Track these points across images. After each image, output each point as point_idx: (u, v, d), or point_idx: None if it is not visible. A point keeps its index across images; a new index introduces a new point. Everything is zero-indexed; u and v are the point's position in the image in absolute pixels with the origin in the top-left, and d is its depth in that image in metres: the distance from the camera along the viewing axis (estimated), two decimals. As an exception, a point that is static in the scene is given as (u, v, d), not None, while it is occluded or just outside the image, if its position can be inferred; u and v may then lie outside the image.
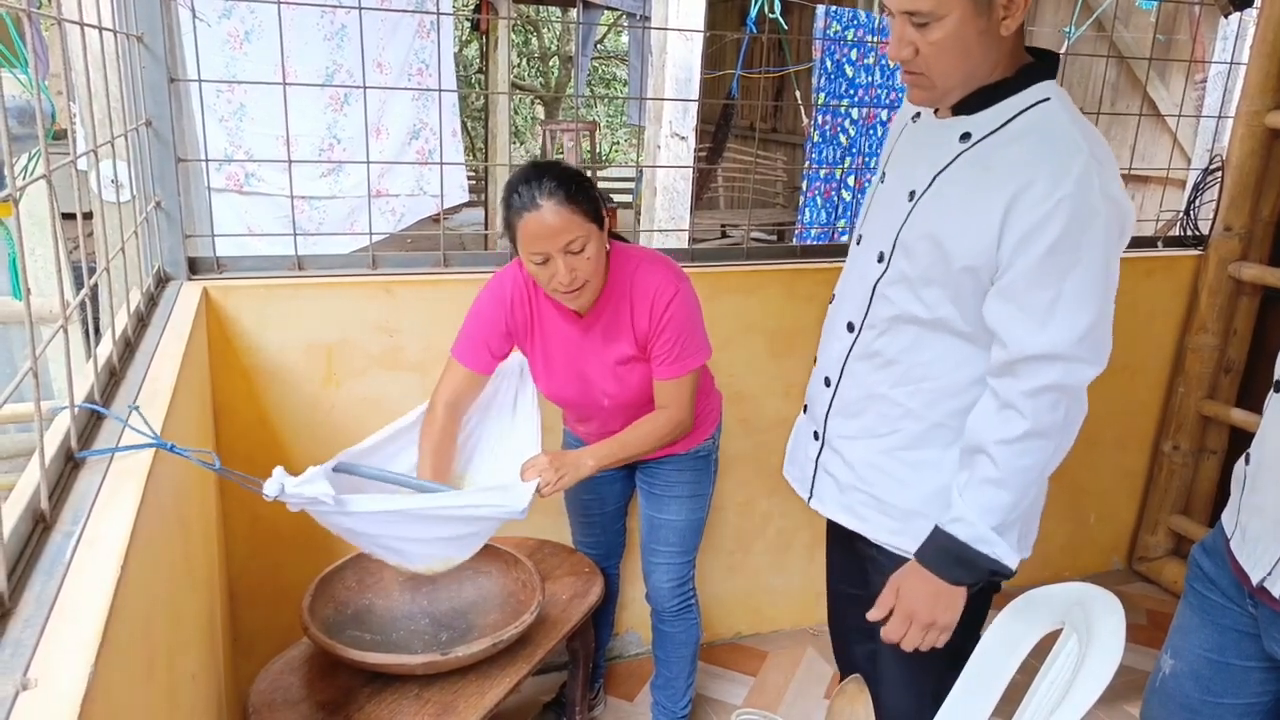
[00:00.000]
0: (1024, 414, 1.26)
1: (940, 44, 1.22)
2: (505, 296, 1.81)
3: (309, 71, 4.01)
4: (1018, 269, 1.24)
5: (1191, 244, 2.96)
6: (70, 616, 0.77)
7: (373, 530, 1.64)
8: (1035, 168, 1.22)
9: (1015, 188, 1.23)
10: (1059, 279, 1.22)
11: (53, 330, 1.04)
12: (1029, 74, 1.29)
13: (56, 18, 1.39)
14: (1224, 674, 1.45)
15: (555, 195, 1.59)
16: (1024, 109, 1.28)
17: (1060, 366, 1.24)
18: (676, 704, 2.20)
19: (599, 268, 1.68)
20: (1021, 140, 1.26)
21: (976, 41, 1.22)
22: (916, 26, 1.23)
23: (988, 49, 1.24)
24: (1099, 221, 1.20)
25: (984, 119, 1.31)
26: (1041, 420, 1.26)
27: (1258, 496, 1.36)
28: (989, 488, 1.29)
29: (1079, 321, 1.23)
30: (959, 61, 1.24)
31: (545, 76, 14.95)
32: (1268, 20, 2.65)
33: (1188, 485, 3.06)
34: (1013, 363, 1.27)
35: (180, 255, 1.99)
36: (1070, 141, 1.22)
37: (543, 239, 1.60)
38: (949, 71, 1.26)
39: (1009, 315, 1.27)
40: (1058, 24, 5.88)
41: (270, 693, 1.63)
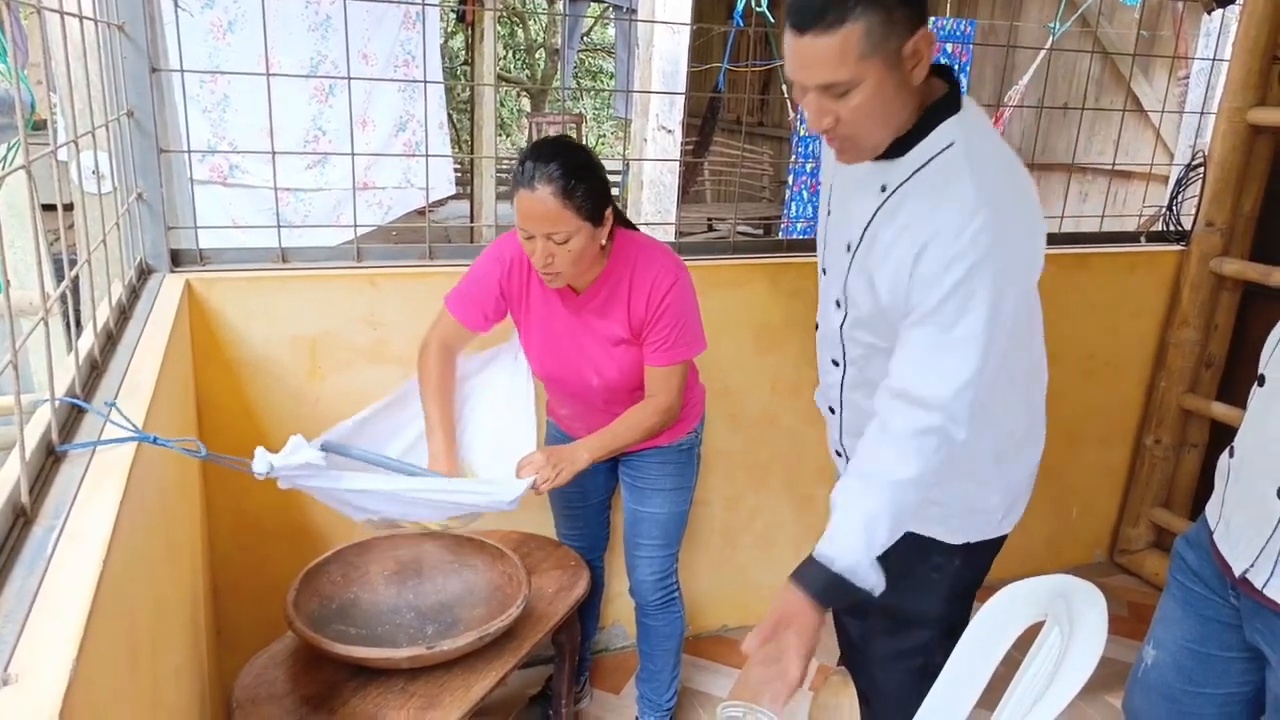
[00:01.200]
0: (913, 456, 1.27)
1: (862, 108, 1.21)
2: (505, 260, 1.83)
3: (293, 62, 3.97)
4: (913, 317, 1.28)
5: (1174, 239, 2.98)
6: (52, 611, 0.77)
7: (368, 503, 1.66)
8: (935, 224, 1.24)
9: (920, 244, 1.26)
10: (945, 330, 1.25)
11: (33, 323, 1.03)
12: (932, 116, 1.28)
13: (36, 6, 1.37)
14: (1206, 664, 1.47)
15: (552, 184, 1.60)
16: (931, 157, 1.28)
17: (938, 415, 1.26)
18: (662, 696, 2.21)
19: (580, 261, 1.68)
20: (926, 194, 1.28)
21: (895, 96, 1.23)
22: (835, 97, 1.22)
23: (905, 101, 1.25)
24: (986, 275, 1.21)
25: (898, 170, 1.31)
26: (928, 464, 1.28)
27: (1241, 489, 1.37)
28: (877, 523, 1.28)
29: (958, 375, 1.25)
30: (881, 120, 1.25)
31: (531, 69, 14.89)
32: (1250, 17, 2.67)
33: (1169, 479, 3.09)
34: (899, 395, 1.29)
35: (162, 247, 1.97)
36: (965, 198, 1.23)
37: (529, 219, 1.63)
38: (873, 131, 1.26)
39: (901, 355, 1.31)
40: (1042, 19, 5.91)
41: (254, 687, 1.62)
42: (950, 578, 1.54)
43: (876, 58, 1.17)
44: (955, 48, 4.94)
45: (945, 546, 1.52)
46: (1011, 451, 1.50)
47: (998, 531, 1.54)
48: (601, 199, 1.67)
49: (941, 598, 1.55)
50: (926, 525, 1.52)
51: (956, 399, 1.25)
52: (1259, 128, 2.74)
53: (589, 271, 1.76)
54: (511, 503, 1.67)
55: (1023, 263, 1.26)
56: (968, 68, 5.04)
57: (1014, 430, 1.48)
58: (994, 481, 1.49)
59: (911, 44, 1.18)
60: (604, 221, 1.69)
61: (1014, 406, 1.46)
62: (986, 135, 1.31)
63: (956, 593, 1.54)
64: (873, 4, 1.14)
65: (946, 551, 1.53)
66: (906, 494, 1.28)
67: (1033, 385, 1.50)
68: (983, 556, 1.55)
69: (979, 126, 1.31)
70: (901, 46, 1.18)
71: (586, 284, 1.79)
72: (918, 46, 1.19)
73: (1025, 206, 1.28)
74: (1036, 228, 1.30)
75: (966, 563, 1.53)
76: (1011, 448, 1.50)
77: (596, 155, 1.72)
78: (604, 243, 1.73)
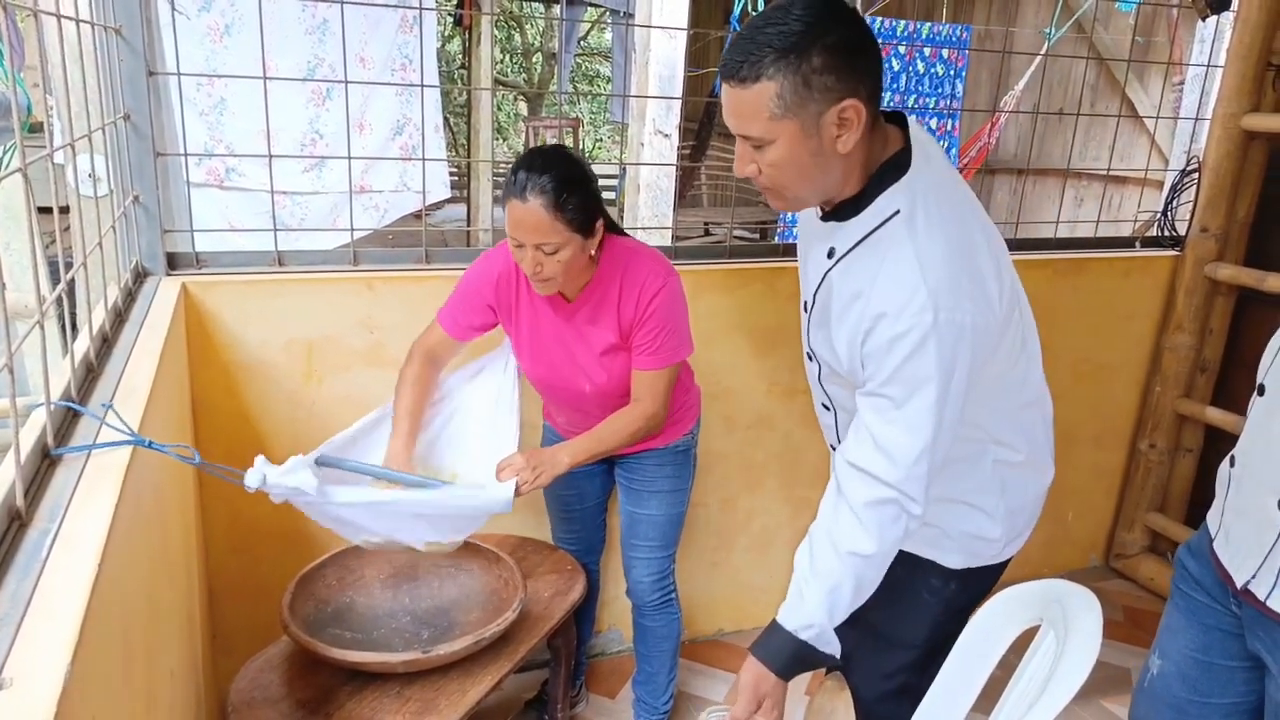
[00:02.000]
0: (872, 528, 1.28)
1: (776, 164, 1.22)
2: (493, 272, 1.83)
3: (290, 66, 3.97)
4: (867, 387, 1.29)
5: (1169, 245, 2.99)
6: (46, 615, 0.77)
7: (354, 518, 1.65)
8: (879, 301, 1.24)
9: (868, 319, 1.25)
10: (896, 406, 1.25)
11: (29, 326, 1.03)
12: (880, 181, 1.26)
13: (33, 9, 1.37)
14: (1210, 674, 1.46)
15: (543, 196, 1.61)
16: (876, 226, 1.27)
17: (891, 490, 1.26)
18: (658, 699, 2.21)
19: (569, 270, 1.69)
20: (870, 266, 1.27)
21: (811, 162, 1.21)
22: (754, 148, 1.22)
23: (826, 167, 1.23)
24: (930, 352, 1.20)
25: (845, 233, 1.31)
26: (886, 536, 1.28)
27: (1242, 499, 1.37)
28: (839, 592, 1.30)
29: (909, 451, 1.25)
30: (797, 179, 1.24)
31: (528, 73, 14.91)
32: (1244, 23, 2.69)
33: (1164, 483, 3.10)
34: (852, 466, 1.30)
35: (159, 250, 1.97)
36: (907, 274, 1.21)
37: (520, 229, 1.64)
38: (794, 187, 1.26)
39: (854, 426, 1.32)
40: (1038, 25, 5.93)
41: (250, 691, 1.62)
42: (944, 601, 1.51)
43: (789, 119, 1.16)
44: (951, 53, 4.96)
45: (943, 570, 1.50)
46: (1015, 481, 1.48)
47: (998, 558, 1.52)
48: (592, 210, 1.68)
49: (932, 621, 1.53)
50: (922, 547, 1.51)
51: (908, 475, 1.25)
52: (1253, 133, 2.75)
53: (579, 279, 1.77)
54: (506, 504, 1.67)
55: (971, 329, 1.22)
56: (964, 73, 5.06)
57: (1012, 460, 1.46)
58: (996, 511, 1.47)
59: (834, 112, 1.16)
60: (594, 233, 1.70)
61: (1012, 438, 1.45)
62: (935, 196, 1.27)
63: (949, 616, 1.51)
64: (788, 68, 1.13)
65: (943, 575, 1.50)
66: (868, 569, 1.29)
67: (1031, 415, 1.48)
68: (980, 582, 1.53)
69: (927, 188, 1.27)
70: (822, 113, 1.16)
71: (577, 291, 1.79)
72: (844, 116, 1.16)
73: (974, 269, 1.25)
74: (986, 290, 1.25)
75: (963, 588, 1.51)
76: (1014, 476, 1.48)
77: (589, 167, 1.73)
78: (593, 253, 1.73)
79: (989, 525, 1.47)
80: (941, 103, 4.96)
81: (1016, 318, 1.35)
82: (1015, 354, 1.38)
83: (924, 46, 4.88)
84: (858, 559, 1.28)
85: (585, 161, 1.75)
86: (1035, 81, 5.23)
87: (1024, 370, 1.42)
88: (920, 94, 4.93)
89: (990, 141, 5.22)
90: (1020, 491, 1.50)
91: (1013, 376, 1.39)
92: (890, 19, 4.91)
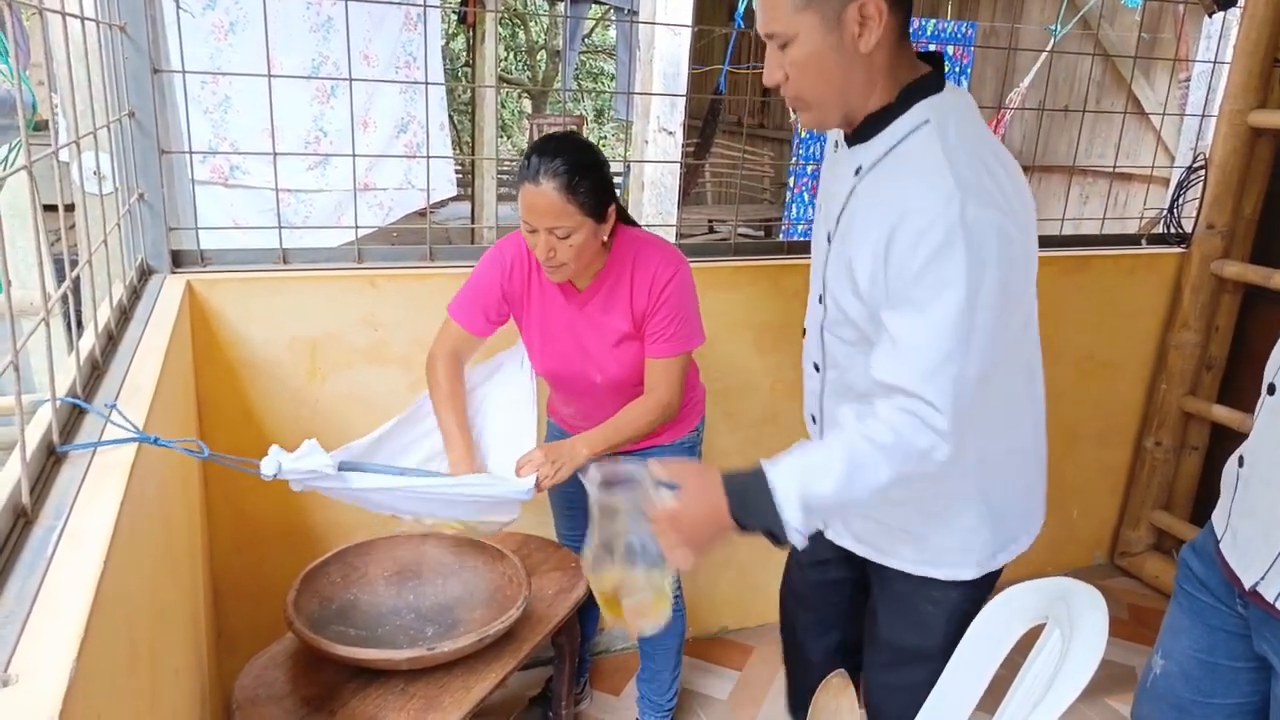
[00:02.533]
0: (892, 428, 1.20)
1: (801, 64, 1.22)
2: (505, 261, 1.83)
3: (295, 63, 3.97)
4: (890, 302, 1.23)
5: (1175, 242, 2.98)
6: (52, 612, 0.77)
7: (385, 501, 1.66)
8: (905, 202, 1.19)
9: (890, 224, 1.20)
10: (920, 311, 1.18)
11: (34, 323, 1.03)
12: (909, 95, 1.25)
13: (38, 7, 1.38)
14: (1214, 674, 1.46)
15: (556, 179, 1.61)
16: (905, 135, 1.25)
17: (910, 401, 1.19)
18: (662, 697, 2.21)
19: (582, 255, 1.69)
20: (898, 173, 1.24)
21: (834, 60, 1.21)
22: (780, 49, 1.23)
23: (849, 67, 1.22)
24: (959, 252, 1.15)
25: (871, 150, 1.29)
26: (904, 440, 1.19)
27: (1250, 500, 1.36)
28: (829, 471, 1.22)
29: (933, 354, 1.18)
30: (821, 80, 1.24)
31: (532, 70, 14.90)
32: (1251, 20, 2.67)
33: (1169, 481, 3.09)
34: (879, 384, 1.24)
35: (163, 248, 1.97)
36: (937, 175, 1.18)
37: (533, 213, 1.64)
38: (816, 90, 1.25)
39: (880, 342, 1.25)
40: (1044, 22, 5.91)
41: (254, 688, 1.62)
42: (947, 611, 1.49)
43: (810, 11, 1.18)
44: (957, 50, 4.95)
45: (942, 583, 1.47)
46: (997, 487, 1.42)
47: (995, 565, 1.48)
48: (605, 196, 1.68)
49: (940, 633, 1.50)
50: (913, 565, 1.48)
51: (929, 380, 1.17)
52: (1260, 130, 2.74)
53: (591, 267, 1.77)
54: (528, 491, 1.68)
55: (1001, 245, 1.17)
56: (969, 70, 5.05)
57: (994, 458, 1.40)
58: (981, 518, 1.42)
59: (855, 8, 1.17)
60: (607, 218, 1.70)
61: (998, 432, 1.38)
62: (967, 117, 1.26)
63: (954, 626, 1.48)
64: None
65: (943, 587, 1.48)
66: (875, 462, 1.19)
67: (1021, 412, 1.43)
68: (980, 590, 1.50)
69: (959, 108, 1.26)
70: (844, 7, 1.17)
71: (588, 280, 1.79)
72: (865, 12, 1.17)
73: (1003, 189, 1.21)
74: (1014, 211, 1.20)
75: (965, 597, 1.48)
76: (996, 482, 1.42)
77: (601, 153, 1.72)
78: (606, 239, 1.73)
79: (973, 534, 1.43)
80: (946, 100, 4.96)
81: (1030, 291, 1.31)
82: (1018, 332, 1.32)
83: (929, 43, 4.87)
84: (867, 441, 1.20)
85: (598, 147, 1.75)
86: (1041, 78, 5.22)
87: (1024, 346, 1.36)
88: (925, 91, 4.92)
89: (995, 138, 5.21)
90: (1004, 495, 1.44)
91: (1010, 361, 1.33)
92: (895, 16, 4.90)
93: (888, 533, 1.48)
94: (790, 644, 1.83)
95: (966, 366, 1.17)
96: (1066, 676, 1.21)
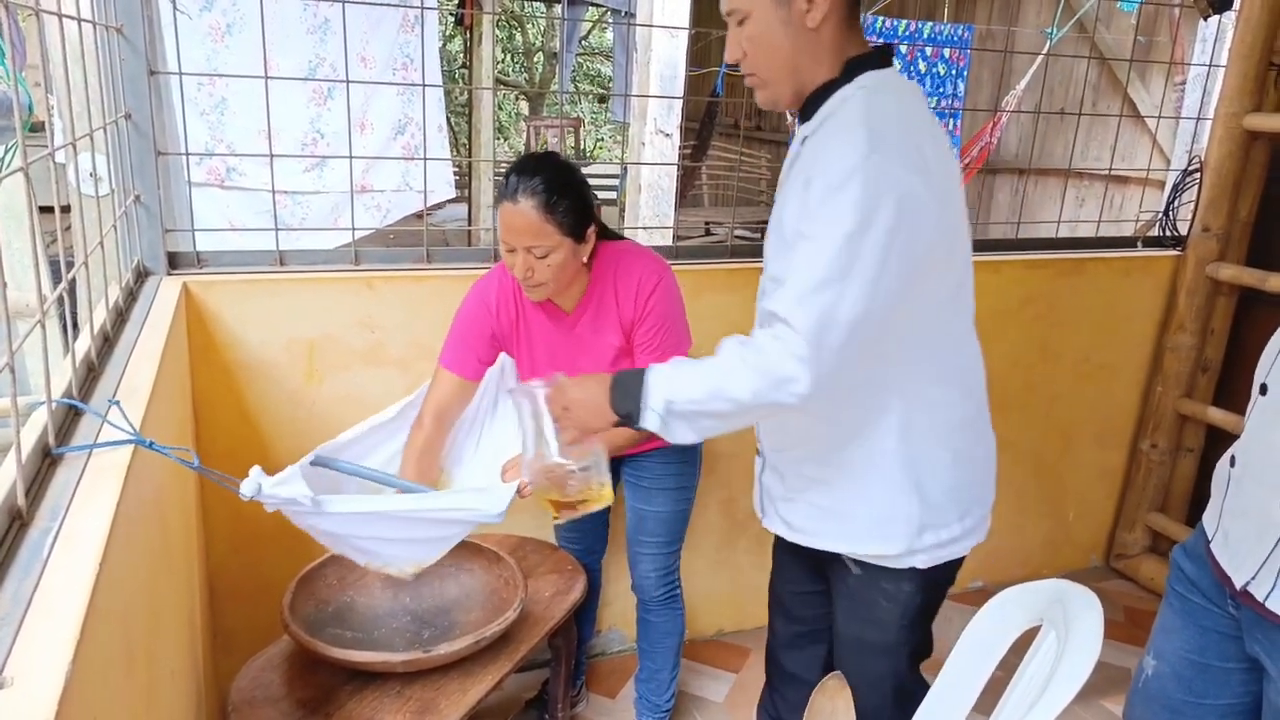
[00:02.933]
0: (760, 349, 1.23)
1: (755, 39, 1.32)
2: (489, 301, 1.83)
3: (292, 65, 3.96)
4: (791, 237, 1.30)
5: (1170, 244, 2.99)
6: (47, 614, 0.77)
7: (345, 531, 1.62)
8: (825, 155, 1.26)
9: (809, 176, 1.28)
10: (804, 244, 1.23)
11: (30, 325, 1.03)
12: (853, 68, 1.33)
13: (34, 8, 1.37)
14: (1206, 675, 1.46)
15: (535, 199, 1.62)
16: (840, 106, 1.32)
17: (780, 327, 1.22)
18: (660, 697, 2.21)
19: (561, 276, 1.69)
20: (826, 133, 1.31)
21: (783, 34, 1.30)
22: (739, 25, 1.33)
23: (797, 41, 1.31)
24: (850, 193, 1.19)
25: (812, 124, 1.35)
26: (767, 361, 1.21)
27: (1242, 500, 1.37)
28: (698, 377, 1.27)
29: (800, 284, 1.21)
30: (772, 55, 1.32)
31: (529, 72, 14.91)
32: (1246, 23, 2.68)
33: (1165, 483, 3.09)
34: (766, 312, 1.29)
35: (160, 250, 1.97)
36: (857, 129, 1.23)
37: (511, 232, 1.65)
38: (769, 66, 1.34)
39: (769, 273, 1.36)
40: (1040, 24, 5.92)
41: (251, 690, 1.62)
42: (903, 605, 1.49)
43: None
44: (953, 52, 4.96)
45: (892, 573, 1.46)
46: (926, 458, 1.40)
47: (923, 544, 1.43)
48: (583, 216, 1.69)
49: (898, 626, 1.51)
50: (837, 540, 1.48)
51: (800, 305, 1.19)
52: (1255, 133, 2.74)
53: (572, 287, 1.77)
54: (499, 515, 1.63)
55: (902, 199, 1.19)
56: (965, 72, 5.05)
57: (919, 432, 1.39)
58: (902, 487, 1.40)
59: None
60: (586, 239, 1.71)
61: (921, 402, 1.38)
62: (906, 94, 1.33)
63: (912, 619, 1.50)
64: None
65: (894, 579, 1.47)
66: (739, 379, 1.22)
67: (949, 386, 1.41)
68: (934, 581, 1.49)
69: (900, 87, 1.34)
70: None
71: (574, 302, 1.79)
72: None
73: (924, 156, 1.25)
74: (931, 176, 1.24)
75: (918, 588, 1.48)
76: (924, 451, 1.40)
77: (581, 173, 1.74)
78: (586, 260, 1.74)
79: (896, 501, 1.40)
80: (943, 102, 4.96)
81: (959, 252, 1.34)
82: (945, 294, 1.34)
83: (925, 46, 4.88)
84: (738, 360, 1.23)
85: (578, 168, 1.75)
86: (1037, 81, 5.23)
87: (950, 318, 1.37)
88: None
89: (992, 141, 5.22)
90: (933, 471, 1.41)
91: (936, 318, 1.35)
92: (892, 18, 4.91)
93: (819, 514, 1.48)
94: (771, 651, 1.84)
95: (841, 302, 1.19)
96: (1062, 679, 1.21)
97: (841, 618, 1.57)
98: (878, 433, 1.38)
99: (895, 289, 1.23)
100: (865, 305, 1.20)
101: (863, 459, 1.40)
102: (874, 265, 1.19)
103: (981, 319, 1.44)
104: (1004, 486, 3.27)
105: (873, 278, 1.20)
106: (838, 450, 1.42)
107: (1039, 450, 2.98)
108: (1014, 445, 2.91)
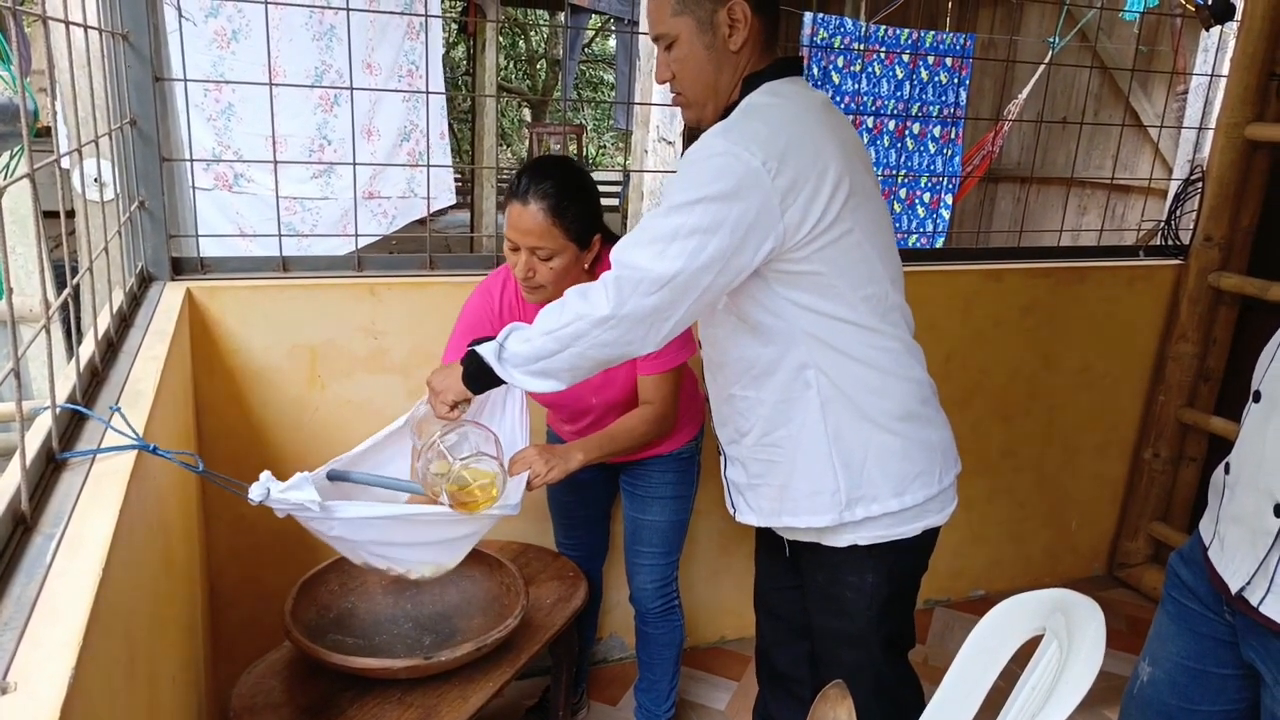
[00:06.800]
0: (583, 289, 1.37)
1: (682, 62, 1.40)
2: (493, 300, 1.83)
3: (297, 71, 3.98)
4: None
5: (1172, 254, 2.99)
6: (50, 619, 0.77)
7: (360, 537, 1.61)
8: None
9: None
10: (647, 217, 1.35)
11: (34, 330, 1.03)
12: (750, 83, 1.40)
13: (40, 15, 1.38)
14: (1201, 681, 1.46)
15: (544, 201, 1.62)
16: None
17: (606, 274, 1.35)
18: (660, 707, 2.21)
19: (562, 280, 1.69)
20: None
21: (707, 58, 1.39)
22: (666, 50, 1.41)
23: (721, 65, 1.39)
24: (699, 172, 1.29)
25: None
26: (587, 295, 1.35)
27: (1236, 506, 1.37)
28: (532, 328, 1.41)
29: (624, 241, 1.36)
30: (699, 76, 1.40)
31: (532, 79, 14.95)
32: (1248, 34, 2.69)
33: (1167, 492, 3.09)
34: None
35: (164, 255, 1.98)
36: (719, 129, 1.33)
37: (517, 231, 1.66)
38: (695, 86, 1.42)
39: None
40: (1042, 34, 5.94)
41: (251, 696, 1.61)
42: (869, 595, 1.52)
43: (688, 16, 1.37)
44: (955, 62, 4.97)
45: (851, 562, 1.50)
46: (849, 426, 1.44)
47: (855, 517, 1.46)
48: (591, 223, 1.69)
49: (865, 616, 1.54)
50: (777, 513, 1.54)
51: (616, 253, 1.33)
52: (1257, 143, 2.75)
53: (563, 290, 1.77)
54: (515, 506, 1.65)
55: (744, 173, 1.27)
56: (967, 81, 5.07)
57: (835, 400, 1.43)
58: (827, 455, 1.44)
59: (724, 12, 1.36)
60: (591, 246, 1.72)
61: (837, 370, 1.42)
62: (801, 91, 1.40)
63: (880, 607, 1.53)
64: None
65: (857, 569, 1.51)
66: (560, 311, 1.37)
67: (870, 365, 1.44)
68: (895, 564, 1.51)
69: (796, 90, 1.40)
70: (715, 11, 1.36)
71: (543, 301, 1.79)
72: (731, 15, 1.36)
73: (793, 135, 1.31)
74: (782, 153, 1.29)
75: (879, 574, 1.51)
76: (846, 419, 1.44)
77: (592, 181, 1.74)
78: (588, 267, 1.74)
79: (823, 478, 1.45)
80: (945, 111, 4.97)
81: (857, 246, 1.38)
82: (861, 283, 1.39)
83: (927, 55, 4.89)
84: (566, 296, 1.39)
85: (589, 176, 1.76)
86: (1039, 90, 5.24)
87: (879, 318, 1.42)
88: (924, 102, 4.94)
89: (994, 150, 5.23)
90: (860, 446, 1.44)
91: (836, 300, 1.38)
92: (894, 27, 4.93)
93: (775, 494, 1.53)
94: (759, 652, 1.87)
95: (657, 261, 1.29)
96: (1064, 688, 1.21)
97: (813, 610, 1.62)
98: (800, 409, 1.45)
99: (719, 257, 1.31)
100: (695, 268, 1.30)
101: (793, 435, 1.47)
102: (708, 246, 1.28)
103: (983, 327, 1.45)
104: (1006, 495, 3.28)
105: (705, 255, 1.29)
106: (775, 429, 1.48)
107: (1041, 459, 2.97)
108: (1016, 454, 2.91)
